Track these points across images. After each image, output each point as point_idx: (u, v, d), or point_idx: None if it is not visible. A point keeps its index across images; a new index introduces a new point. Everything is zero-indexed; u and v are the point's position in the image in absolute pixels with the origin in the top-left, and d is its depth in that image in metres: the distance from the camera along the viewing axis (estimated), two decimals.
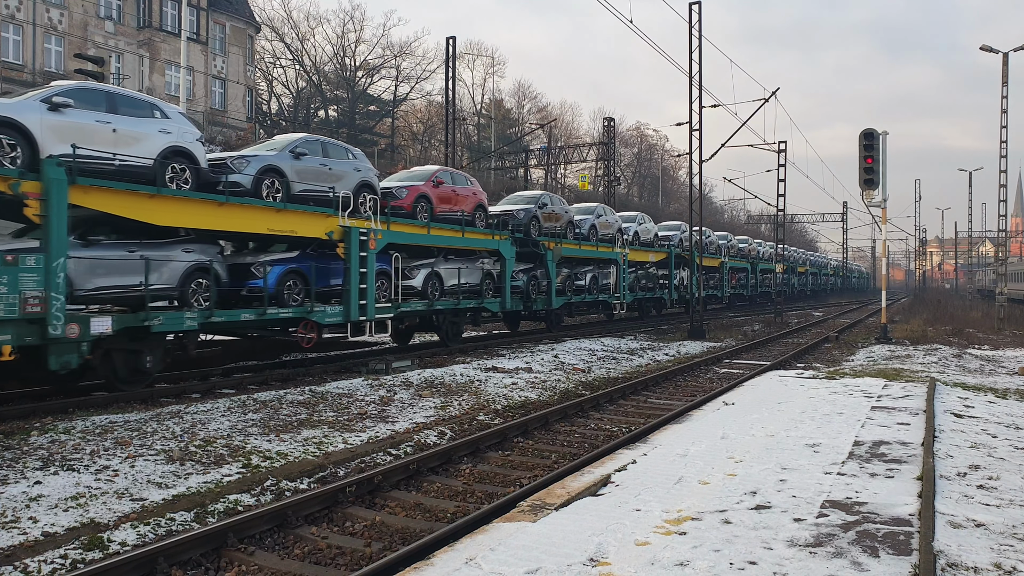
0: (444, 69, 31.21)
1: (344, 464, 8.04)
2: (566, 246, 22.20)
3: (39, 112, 10.08)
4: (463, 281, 18.04)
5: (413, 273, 16.53)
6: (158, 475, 7.14)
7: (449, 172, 18.57)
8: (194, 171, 11.84)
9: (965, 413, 9.77)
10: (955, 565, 4.52)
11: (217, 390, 11.88)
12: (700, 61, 24.32)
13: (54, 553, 5.39)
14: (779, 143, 32.97)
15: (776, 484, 6.21)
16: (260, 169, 12.98)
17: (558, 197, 23.58)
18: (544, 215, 21.72)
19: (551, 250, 21.41)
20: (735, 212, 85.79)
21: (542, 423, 10.21)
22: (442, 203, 17.44)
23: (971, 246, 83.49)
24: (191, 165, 11.76)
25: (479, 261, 18.99)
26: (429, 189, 17.13)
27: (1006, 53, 27.28)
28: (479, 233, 18.68)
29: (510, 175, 53.31)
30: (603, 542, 4.82)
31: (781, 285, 46.74)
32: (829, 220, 73.31)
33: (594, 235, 24.51)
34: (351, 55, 55.88)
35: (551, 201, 22.56)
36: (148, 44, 38.18)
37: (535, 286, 21.07)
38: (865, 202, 21.53)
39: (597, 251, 24.52)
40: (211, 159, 12.74)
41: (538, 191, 24.01)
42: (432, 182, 17.31)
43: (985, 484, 6.33)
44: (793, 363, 18.16)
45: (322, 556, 5.68)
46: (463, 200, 18.24)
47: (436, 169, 18.11)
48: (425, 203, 16.89)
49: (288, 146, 13.88)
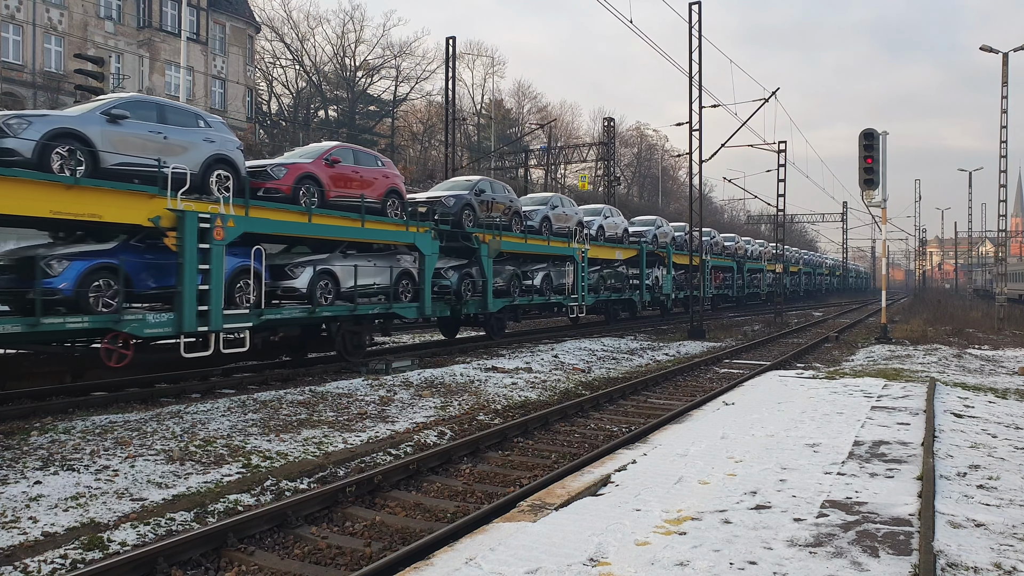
0: (444, 69, 31.24)
1: (344, 464, 8.04)
2: (508, 239, 19.24)
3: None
4: (369, 281, 15.07)
5: (296, 272, 13.49)
6: (158, 475, 7.14)
7: (351, 150, 15.44)
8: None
9: (965, 413, 9.76)
10: (955, 565, 4.52)
11: (217, 390, 11.88)
12: (700, 61, 24.33)
13: (54, 553, 5.39)
14: (779, 143, 32.94)
15: (776, 484, 6.21)
16: (48, 134, 9.88)
17: (502, 184, 20.64)
18: (482, 204, 18.83)
19: (486, 244, 18.32)
20: (735, 212, 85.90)
21: (542, 423, 10.21)
22: (338, 186, 14.30)
23: (971, 246, 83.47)
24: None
25: (396, 257, 16.07)
26: (319, 169, 13.98)
27: (1006, 53, 27.28)
28: (386, 223, 15.37)
29: (510, 175, 53.31)
30: (603, 542, 4.82)
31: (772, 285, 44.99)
32: (829, 220, 73.38)
33: (547, 228, 21.65)
34: (351, 55, 55.94)
35: (491, 188, 19.55)
36: (148, 44, 38.18)
37: (469, 286, 18.29)
38: (865, 202, 21.52)
39: (549, 246, 21.39)
40: None
41: (477, 176, 21.18)
42: (325, 160, 14.19)
43: (985, 484, 6.33)
44: (793, 363, 18.15)
45: (322, 556, 5.68)
46: (368, 184, 15.10)
47: (332, 146, 15.08)
48: (312, 185, 13.67)
49: (101, 107, 11.06)
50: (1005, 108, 27.48)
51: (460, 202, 18.16)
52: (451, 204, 17.91)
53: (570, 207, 23.50)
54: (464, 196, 18.40)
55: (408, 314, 16.17)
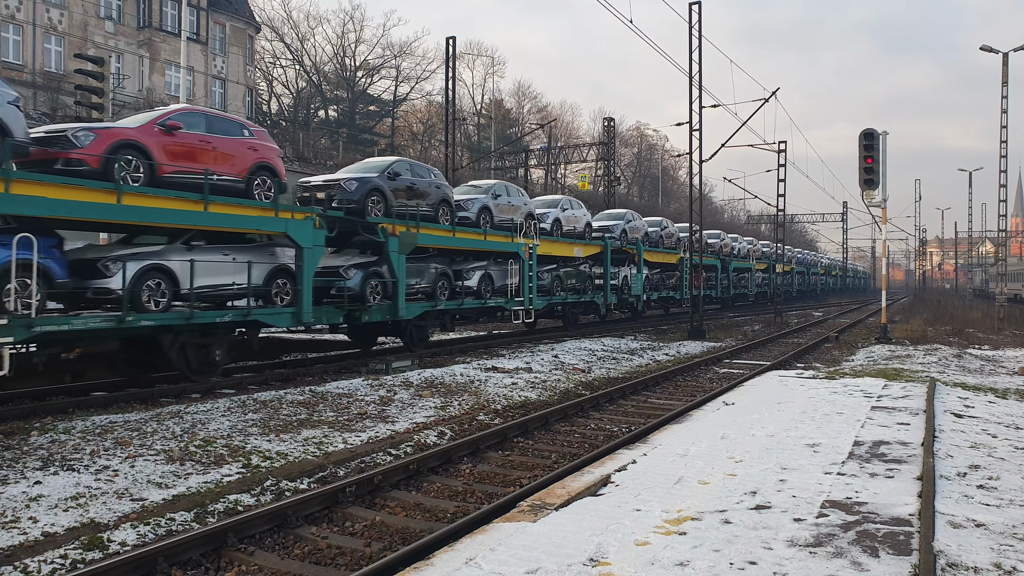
0: (444, 69, 31.23)
1: (344, 464, 8.04)
2: (428, 232, 16.30)
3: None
4: (224, 281, 12.11)
5: (111, 268, 10.63)
6: (158, 475, 7.14)
7: (203, 115, 12.69)
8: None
9: (965, 413, 9.76)
10: (955, 565, 4.52)
11: (217, 390, 11.87)
12: (700, 61, 24.32)
13: (54, 553, 5.39)
14: (779, 143, 32.96)
15: (776, 484, 6.21)
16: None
17: (428, 167, 17.58)
18: (399, 190, 15.88)
19: (395, 237, 15.19)
20: (735, 212, 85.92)
21: (542, 423, 10.21)
22: (177, 159, 11.55)
23: (971, 246, 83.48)
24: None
25: (271, 251, 13.24)
26: (146, 136, 11.24)
27: (1006, 53, 27.29)
28: (244, 207, 12.32)
29: (510, 175, 53.31)
30: (603, 542, 4.82)
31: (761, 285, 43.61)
32: (829, 220, 73.43)
33: (487, 220, 18.79)
34: (351, 55, 55.98)
35: (411, 171, 16.66)
36: (148, 44, 38.18)
37: (378, 288, 15.28)
38: (865, 202, 21.51)
39: (485, 241, 18.35)
40: None
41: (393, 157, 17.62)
42: (160, 127, 11.49)
43: (985, 484, 6.33)
44: (793, 363, 18.16)
45: (322, 556, 5.68)
46: (226, 157, 12.37)
47: (173, 109, 12.45)
48: (136, 156, 10.95)
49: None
50: (1005, 108, 27.48)
51: (365, 187, 15.08)
52: (353, 188, 14.90)
53: (518, 197, 20.68)
54: (370, 180, 15.31)
55: (278, 322, 12.94)
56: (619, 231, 26.52)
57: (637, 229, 28.05)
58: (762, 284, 44.59)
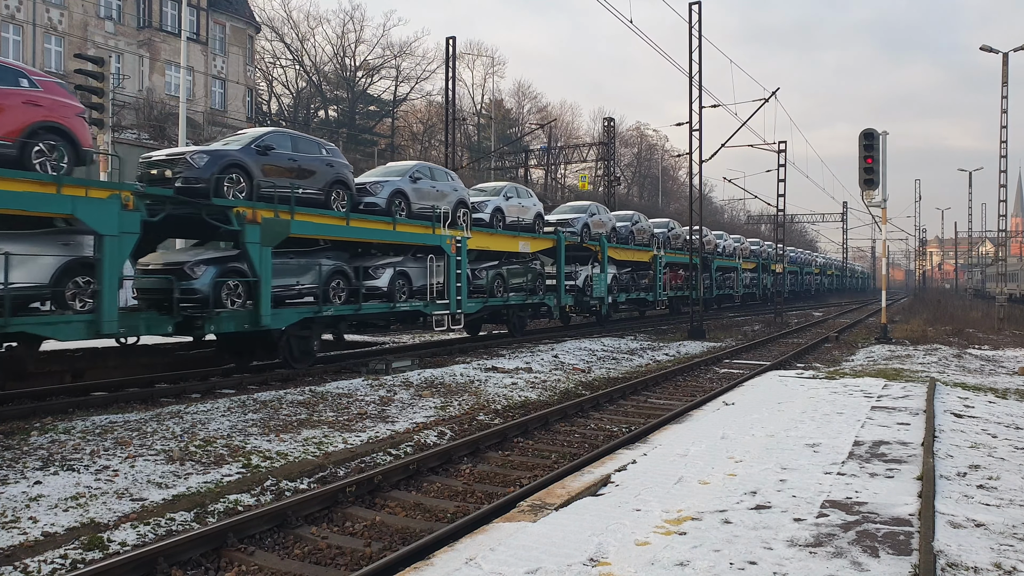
0: (444, 69, 31.23)
1: (344, 464, 8.04)
2: (309, 220, 13.39)
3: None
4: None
5: None
6: (158, 475, 7.14)
7: None
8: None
9: (965, 413, 9.76)
10: (955, 565, 4.52)
11: (217, 390, 11.88)
12: (700, 61, 24.33)
13: (54, 553, 5.39)
14: (779, 143, 32.97)
15: (776, 484, 6.21)
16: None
17: (321, 142, 14.78)
18: (269, 166, 12.96)
19: (255, 224, 12.17)
20: (735, 212, 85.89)
21: (542, 423, 10.21)
22: None
23: (971, 246, 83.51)
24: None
25: (72, 240, 10.40)
26: None
27: (1006, 53, 27.30)
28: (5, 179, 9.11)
29: (510, 175, 53.31)
30: (603, 542, 4.82)
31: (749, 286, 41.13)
32: (829, 220, 73.45)
33: (402, 208, 15.88)
34: (351, 55, 55.96)
35: (291, 145, 13.63)
36: (148, 44, 38.18)
37: (237, 291, 12.24)
38: (865, 202, 21.52)
39: (394, 232, 15.42)
40: None
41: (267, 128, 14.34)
42: None
43: (985, 484, 6.33)
44: (793, 363, 18.16)
45: (322, 556, 5.68)
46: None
47: None
48: None
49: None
50: (1005, 108, 27.50)
51: (219, 162, 12.09)
52: (202, 164, 11.89)
53: (446, 182, 17.66)
54: (227, 154, 12.38)
55: (62, 334, 9.81)
56: (580, 225, 23.68)
57: (602, 223, 25.08)
58: (750, 285, 41.98)
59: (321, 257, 14.14)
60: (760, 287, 43.68)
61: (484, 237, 19.05)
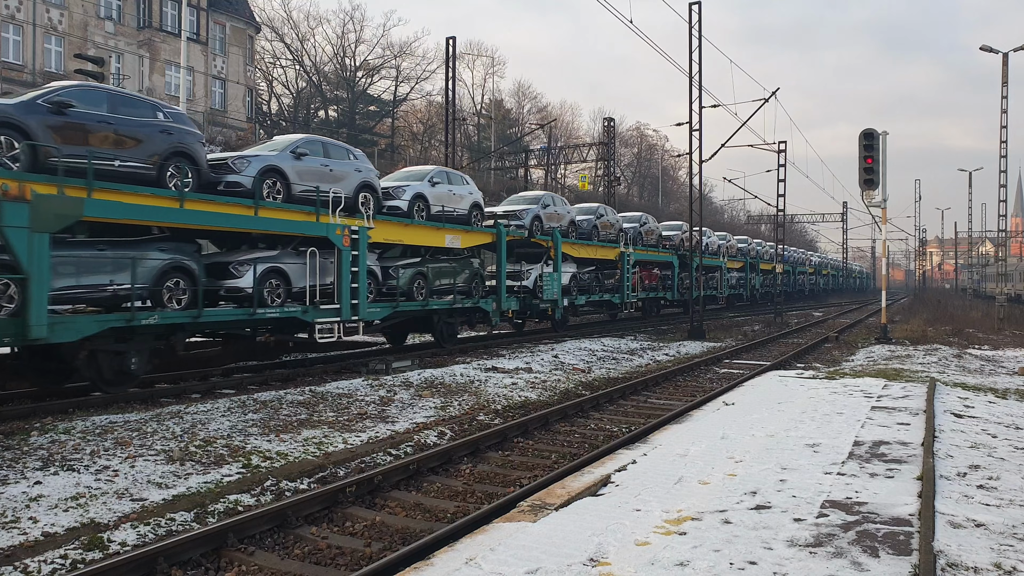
0: (444, 69, 31.22)
1: (344, 464, 8.04)
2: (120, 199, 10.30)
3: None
4: None
5: None
6: (158, 475, 7.14)
7: None
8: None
9: (965, 413, 9.76)
10: (955, 565, 4.52)
11: (217, 390, 11.88)
12: (700, 61, 24.34)
13: (54, 553, 5.39)
14: (779, 143, 32.98)
15: (776, 484, 6.21)
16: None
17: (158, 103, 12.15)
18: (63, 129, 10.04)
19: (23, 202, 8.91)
20: (735, 212, 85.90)
21: (542, 423, 10.21)
22: None
23: (971, 246, 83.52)
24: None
25: None
26: None
27: (1006, 53, 27.32)
28: None
29: (510, 175, 53.31)
30: (603, 542, 4.82)
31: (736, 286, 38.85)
32: (829, 220, 73.38)
33: (278, 190, 13.08)
34: (351, 55, 55.95)
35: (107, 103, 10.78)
36: (148, 44, 38.19)
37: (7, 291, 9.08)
38: (865, 202, 21.52)
39: (255, 218, 12.40)
40: None
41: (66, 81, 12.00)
42: None
43: (985, 484, 6.33)
44: (793, 363, 18.16)
45: (322, 556, 5.68)
46: None
47: None
48: None
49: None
50: (1005, 108, 27.51)
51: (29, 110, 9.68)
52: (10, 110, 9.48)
53: (345, 162, 14.64)
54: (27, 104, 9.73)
55: None
56: (529, 218, 20.63)
57: (557, 216, 22.16)
58: (737, 285, 39.36)
59: (150, 249, 11.13)
60: (748, 287, 40.85)
61: (395, 228, 15.71)
